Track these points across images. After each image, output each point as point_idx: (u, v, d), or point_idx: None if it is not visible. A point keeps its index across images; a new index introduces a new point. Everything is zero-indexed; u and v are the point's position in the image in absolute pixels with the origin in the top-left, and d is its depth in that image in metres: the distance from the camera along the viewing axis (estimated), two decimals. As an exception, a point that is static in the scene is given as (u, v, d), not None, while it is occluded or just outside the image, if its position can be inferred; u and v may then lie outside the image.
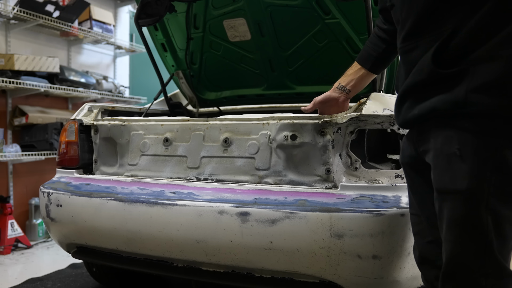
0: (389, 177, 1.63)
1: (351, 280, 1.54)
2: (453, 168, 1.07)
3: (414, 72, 1.16)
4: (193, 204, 1.71)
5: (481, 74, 1.02)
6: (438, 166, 1.12)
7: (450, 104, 1.06)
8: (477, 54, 1.03)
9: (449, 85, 1.07)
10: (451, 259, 1.10)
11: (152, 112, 2.75)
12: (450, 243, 1.10)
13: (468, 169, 1.04)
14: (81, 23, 4.21)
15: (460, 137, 1.06)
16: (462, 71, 1.05)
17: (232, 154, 1.85)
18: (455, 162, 1.07)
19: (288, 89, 2.85)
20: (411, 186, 1.33)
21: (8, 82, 3.38)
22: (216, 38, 2.76)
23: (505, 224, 1.04)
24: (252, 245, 1.61)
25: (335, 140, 1.68)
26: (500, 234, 1.04)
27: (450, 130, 1.08)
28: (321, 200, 1.59)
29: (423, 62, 1.13)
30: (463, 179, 1.05)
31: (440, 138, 1.11)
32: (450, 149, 1.08)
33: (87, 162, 2.22)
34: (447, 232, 1.11)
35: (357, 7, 2.18)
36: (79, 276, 2.87)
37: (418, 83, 1.15)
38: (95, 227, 1.92)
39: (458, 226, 1.08)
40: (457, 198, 1.07)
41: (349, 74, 1.63)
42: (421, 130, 1.19)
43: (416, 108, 1.16)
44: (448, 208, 1.09)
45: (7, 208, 3.49)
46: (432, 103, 1.10)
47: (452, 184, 1.07)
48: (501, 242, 1.05)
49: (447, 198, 1.10)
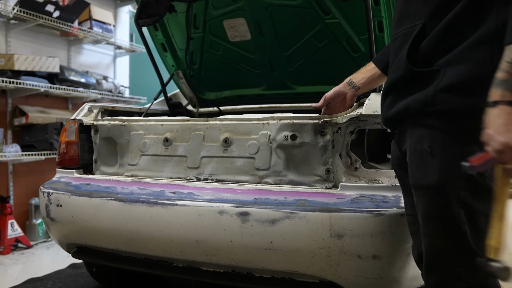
0: (389, 177, 1.63)
1: (351, 280, 1.54)
2: (425, 164, 1.12)
3: (394, 68, 1.22)
4: (193, 204, 1.71)
5: (450, 75, 1.06)
6: (412, 163, 1.18)
7: (420, 103, 1.11)
8: (448, 56, 1.08)
9: (422, 85, 1.12)
10: (430, 252, 1.15)
11: (152, 112, 2.75)
12: (427, 236, 1.15)
13: (438, 164, 1.09)
14: (81, 23, 4.21)
15: (430, 135, 1.11)
16: (434, 72, 1.09)
17: (232, 154, 1.85)
18: (426, 158, 1.12)
19: (288, 89, 2.85)
20: (402, 187, 1.37)
21: (8, 82, 3.38)
22: (216, 38, 2.76)
23: (479, 217, 1.07)
24: (252, 245, 1.61)
25: (335, 140, 1.68)
26: (475, 227, 1.07)
27: (422, 129, 1.14)
28: (321, 200, 1.59)
29: (401, 58, 1.18)
30: (434, 174, 1.10)
31: (414, 137, 1.17)
32: (422, 146, 1.13)
33: (87, 162, 2.22)
34: (424, 226, 1.16)
35: (357, 7, 2.18)
36: (79, 276, 2.87)
37: (397, 79, 1.20)
38: (95, 227, 1.92)
39: (432, 220, 1.13)
40: (429, 193, 1.12)
41: (362, 72, 1.65)
42: (401, 130, 1.25)
43: (395, 107, 1.21)
44: (422, 203, 1.15)
45: (7, 208, 3.48)
46: (406, 102, 1.16)
47: (425, 179, 1.13)
48: (477, 234, 1.08)
49: (421, 194, 1.15)
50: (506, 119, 0.91)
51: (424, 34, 1.14)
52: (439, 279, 1.15)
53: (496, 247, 0.95)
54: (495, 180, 0.97)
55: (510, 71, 0.92)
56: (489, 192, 1.07)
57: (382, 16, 2.13)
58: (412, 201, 1.31)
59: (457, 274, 1.11)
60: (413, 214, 1.33)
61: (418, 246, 1.33)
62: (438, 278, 1.15)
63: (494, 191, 0.97)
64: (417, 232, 1.32)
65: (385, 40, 2.20)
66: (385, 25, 2.16)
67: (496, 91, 0.93)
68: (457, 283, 1.11)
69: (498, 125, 0.92)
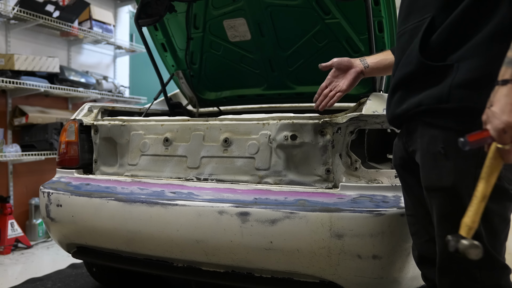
0: (389, 177, 1.63)
1: (351, 280, 1.54)
2: (439, 166, 1.10)
3: (403, 63, 1.19)
4: (193, 204, 1.71)
5: (464, 70, 1.04)
6: (425, 165, 1.15)
7: (434, 99, 1.09)
8: (462, 50, 1.06)
9: (436, 80, 1.09)
10: (444, 254, 1.13)
11: (152, 112, 2.75)
12: (441, 238, 1.13)
13: (453, 166, 1.08)
14: (81, 23, 4.21)
15: (444, 136, 1.09)
16: (448, 66, 1.07)
17: (232, 154, 1.85)
18: (440, 160, 1.10)
19: (288, 89, 2.85)
20: (405, 187, 1.35)
21: (8, 82, 3.38)
22: (216, 38, 2.76)
23: (494, 217, 1.06)
24: (252, 245, 1.61)
25: (335, 140, 1.68)
26: (490, 228, 1.06)
27: (435, 130, 1.11)
28: (321, 200, 1.59)
29: (411, 53, 1.15)
30: (449, 176, 1.08)
31: (426, 138, 1.14)
32: (435, 148, 1.11)
33: (87, 162, 2.22)
34: (438, 227, 1.14)
35: (357, 7, 2.18)
36: (79, 276, 2.87)
37: (407, 75, 1.17)
38: (95, 227, 1.92)
39: (447, 222, 1.11)
40: (444, 195, 1.11)
41: (376, 54, 1.64)
42: (409, 130, 1.22)
43: (405, 103, 1.18)
44: (437, 205, 1.13)
45: (7, 208, 3.48)
46: (419, 98, 1.13)
47: (439, 181, 1.11)
48: (492, 235, 1.07)
49: (435, 195, 1.13)
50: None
51: (434, 27, 1.11)
52: (453, 281, 1.13)
53: (471, 226, 0.94)
54: (486, 160, 0.94)
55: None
56: (504, 193, 1.06)
57: (382, 16, 2.13)
58: (414, 201, 1.31)
59: (471, 275, 1.09)
60: (414, 214, 1.32)
61: (418, 246, 1.33)
62: (452, 279, 1.13)
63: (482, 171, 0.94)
64: (417, 232, 1.32)
65: (385, 40, 2.20)
66: (385, 25, 2.16)
67: (507, 70, 0.91)
68: (471, 284, 1.10)
69: (504, 104, 0.89)
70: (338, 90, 1.65)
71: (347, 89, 1.64)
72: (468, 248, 0.93)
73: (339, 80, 1.65)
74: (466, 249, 0.93)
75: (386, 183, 1.61)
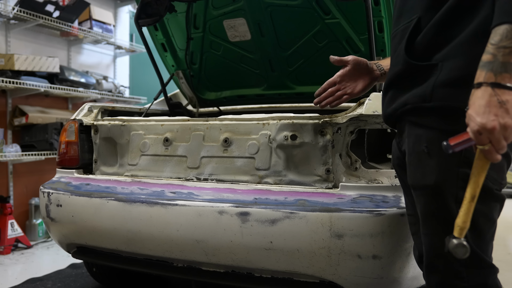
0: (389, 177, 1.63)
1: (351, 280, 1.54)
2: (423, 165, 1.12)
3: (393, 63, 1.22)
4: (193, 204, 1.71)
5: (447, 70, 1.06)
6: (411, 164, 1.18)
7: (418, 98, 1.11)
8: (446, 50, 1.07)
9: (421, 79, 1.11)
10: (430, 252, 1.15)
11: (152, 112, 2.75)
12: (427, 236, 1.15)
13: (435, 165, 1.09)
14: (81, 23, 4.21)
15: (427, 135, 1.11)
16: (433, 66, 1.09)
17: (232, 154, 1.85)
18: (424, 159, 1.12)
19: (288, 89, 2.85)
20: (404, 187, 1.36)
21: (8, 82, 3.38)
22: (216, 38, 2.76)
23: (478, 217, 1.07)
24: (252, 245, 1.61)
25: (335, 140, 1.68)
26: (474, 227, 1.06)
27: (420, 129, 1.13)
28: (321, 200, 1.59)
29: (399, 53, 1.17)
30: (431, 175, 1.10)
31: (412, 137, 1.16)
32: (420, 147, 1.13)
33: (87, 162, 2.22)
34: (423, 225, 1.16)
35: (357, 7, 2.18)
36: (79, 276, 2.87)
37: (396, 74, 1.19)
38: (95, 227, 1.92)
39: (431, 220, 1.13)
40: (427, 193, 1.12)
41: (388, 58, 1.58)
42: (400, 130, 1.24)
43: (395, 102, 1.20)
44: (421, 203, 1.15)
45: (7, 208, 3.48)
46: (406, 97, 1.15)
47: (423, 180, 1.13)
48: (476, 234, 1.08)
49: (420, 194, 1.16)
50: (488, 101, 0.91)
51: (420, 28, 1.13)
52: (440, 279, 1.15)
53: (462, 227, 0.95)
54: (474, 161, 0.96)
55: (495, 53, 0.92)
56: (489, 193, 1.07)
57: (382, 16, 2.13)
58: (413, 201, 1.31)
59: (457, 274, 1.11)
60: (414, 214, 1.32)
61: (419, 246, 1.33)
62: (438, 277, 1.15)
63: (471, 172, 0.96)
64: (418, 232, 1.32)
65: (385, 40, 2.20)
66: (385, 25, 2.16)
67: (481, 73, 0.93)
68: (458, 283, 1.11)
69: (479, 106, 0.91)
70: (348, 92, 1.55)
71: (357, 94, 1.55)
72: (455, 247, 0.95)
73: (350, 82, 1.55)
74: (453, 248, 0.95)
75: (386, 183, 1.61)
